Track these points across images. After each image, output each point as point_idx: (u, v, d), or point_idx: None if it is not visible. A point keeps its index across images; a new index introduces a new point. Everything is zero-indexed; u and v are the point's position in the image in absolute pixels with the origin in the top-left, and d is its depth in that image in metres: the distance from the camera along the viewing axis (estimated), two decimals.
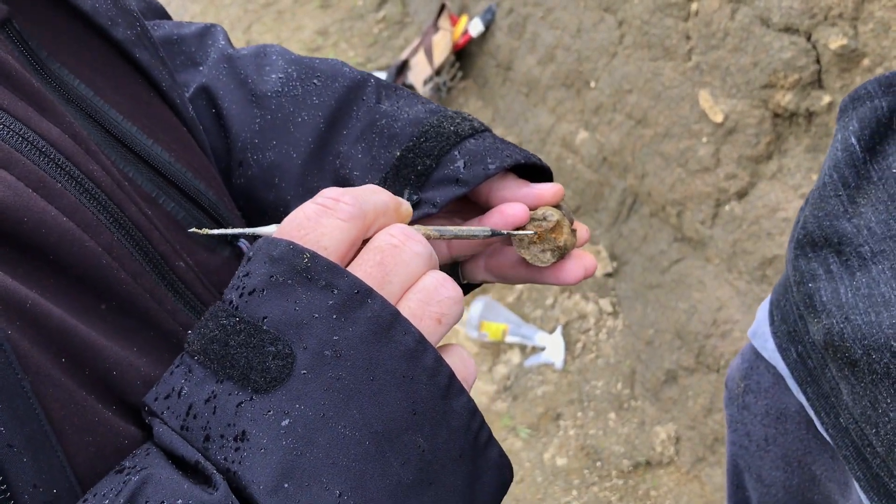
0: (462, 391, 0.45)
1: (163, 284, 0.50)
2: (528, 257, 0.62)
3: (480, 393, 2.70)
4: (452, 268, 0.69)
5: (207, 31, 0.77)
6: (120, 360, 0.44)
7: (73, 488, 0.39)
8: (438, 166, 0.62)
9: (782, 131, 2.10)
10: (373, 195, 0.47)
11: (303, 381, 0.40)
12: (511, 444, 2.55)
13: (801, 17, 1.90)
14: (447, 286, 0.46)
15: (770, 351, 0.88)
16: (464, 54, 3.75)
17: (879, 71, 1.78)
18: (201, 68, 0.73)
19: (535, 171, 0.67)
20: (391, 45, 4.31)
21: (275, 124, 0.68)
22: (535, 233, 0.61)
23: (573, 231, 0.64)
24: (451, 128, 0.64)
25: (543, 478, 2.44)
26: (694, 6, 2.26)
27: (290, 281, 0.42)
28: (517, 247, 0.62)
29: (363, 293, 0.42)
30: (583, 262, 0.63)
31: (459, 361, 0.47)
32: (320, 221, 0.44)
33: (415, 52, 3.88)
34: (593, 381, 2.60)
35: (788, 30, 1.95)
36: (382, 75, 4.03)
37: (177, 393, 0.42)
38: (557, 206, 0.63)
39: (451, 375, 0.44)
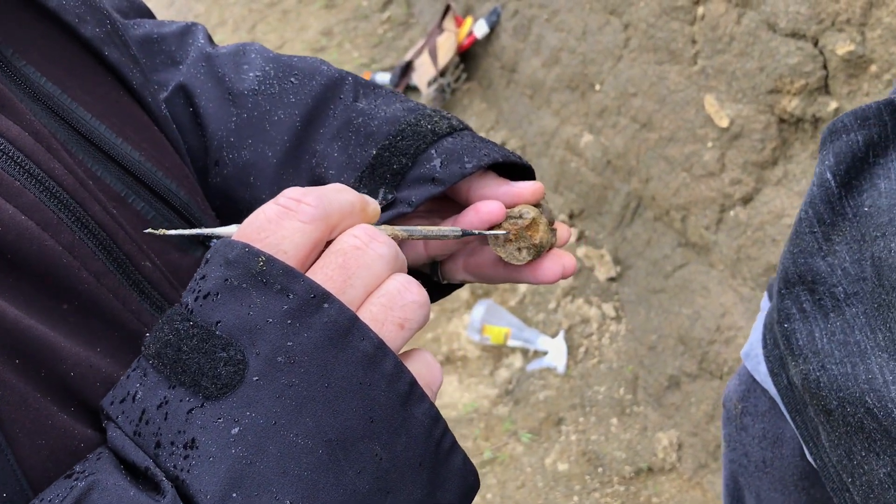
0: (423, 398, 0.44)
1: (127, 284, 0.50)
2: (503, 255, 0.61)
3: (482, 397, 2.69)
4: (431, 268, 0.68)
5: (188, 30, 0.76)
6: (79, 361, 0.43)
7: (24, 492, 0.39)
8: (414, 165, 0.61)
9: (788, 137, 2.08)
10: (337, 195, 0.46)
11: (254, 388, 0.39)
12: (512, 448, 2.54)
13: (809, 23, 1.88)
14: (412, 290, 0.45)
15: (763, 375, 0.87)
16: (468, 56, 3.75)
17: (887, 77, 1.77)
18: (181, 67, 0.72)
19: (520, 170, 0.66)
20: (395, 45, 4.30)
21: (251, 123, 0.68)
22: (508, 232, 0.60)
23: (553, 230, 0.63)
24: (429, 126, 0.63)
25: (545, 483, 2.42)
26: (700, 10, 2.25)
27: (244, 285, 0.41)
28: (493, 245, 0.61)
29: (319, 297, 0.41)
30: (561, 260, 0.62)
31: (424, 367, 0.46)
32: (281, 224, 0.43)
33: (419, 53, 3.87)
34: (595, 386, 2.59)
35: (795, 35, 1.94)
36: (386, 76, 4.03)
37: (131, 397, 0.41)
38: (537, 205, 0.63)
39: (412, 382, 0.43)
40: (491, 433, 2.60)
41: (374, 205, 0.49)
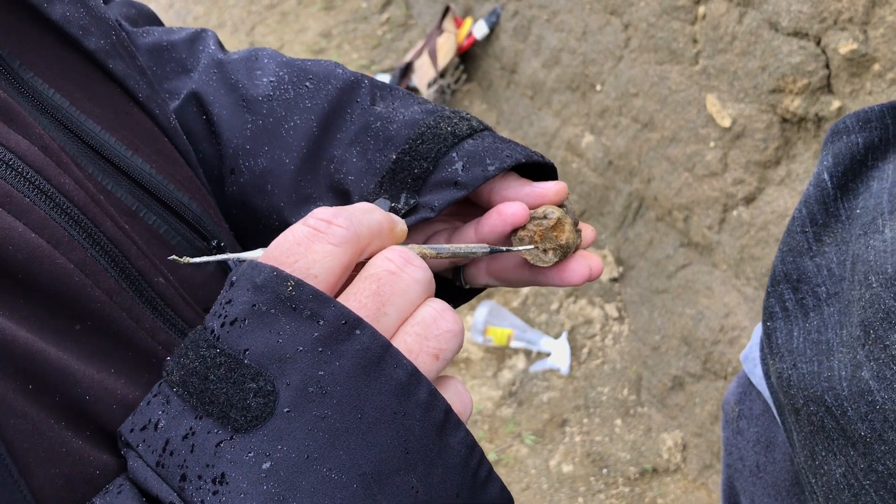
0: (459, 425, 0.42)
1: (140, 302, 0.49)
2: (529, 258, 0.60)
3: (485, 398, 2.69)
4: (454, 272, 0.67)
5: (198, 37, 0.75)
6: (94, 384, 0.42)
7: None
8: (436, 169, 0.60)
9: (791, 136, 2.08)
10: (366, 215, 0.45)
11: (286, 421, 0.38)
12: (516, 450, 2.53)
13: (811, 22, 1.88)
14: (447, 318, 0.44)
15: (758, 378, 0.86)
16: (468, 57, 3.74)
17: (890, 76, 1.76)
18: (192, 75, 0.71)
19: (540, 170, 0.65)
20: (395, 47, 4.30)
21: (266, 129, 0.66)
22: (535, 246, 0.59)
23: (578, 230, 0.61)
24: (449, 128, 0.62)
25: (549, 485, 2.42)
26: (701, 10, 2.24)
27: (273, 311, 0.40)
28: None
29: (351, 324, 0.40)
30: (588, 261, 0.61)
31: (455, 395, 0.45)
32: (311, 247, 0.42)
33: (419, 54, 3.87)
34: (599, 387, 2.58)
35: (797, 34, 1.93)
36: (386, 77, 4.02)
37: (153, 425, 0.40)
38: (561, 205, 0.61)
39: (448, 410, 0.42)
40: (495, 435, 2.59)
41: (402, 224, 0.48)
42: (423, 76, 3.74)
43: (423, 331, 0.43)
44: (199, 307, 0.54)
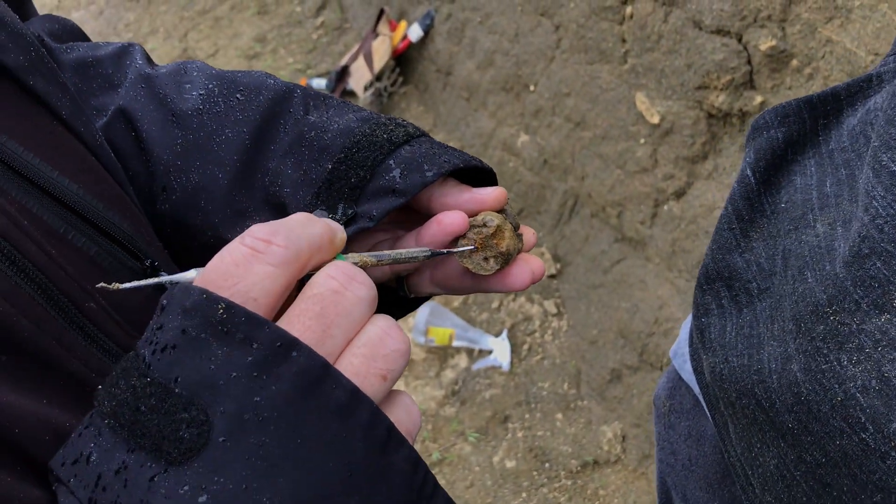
0: (402, 443, 0.41)
1: (71, 329, 0.47)
2: (471, 267, 0.59)
3: (428, 398, 2.70)
4: (397, 282, 0.66)
5: (125, 51, 0.73)
6: (24, 415, 0.40)
7: None
8: (373, 177, 0.59)
9: (717, 131, 2.14)
10: (305, 229, 0.43)
11: (221, 451, 0.37)
12: (460, 448, 2.54)
13: (732, 20, 1.94)
14: (393, 336, 0.42)
15: (688, 373, 0.87)
16: (404, 59, 3.75)
17: (808, 71, 1.83)
18: (119, 90, 0.69)
19: (479, 174, 0.64)
20: (330, 51, 4.29)
21: (197, 144, 0.65)
22: (475, 247, 0.59)
23: (518, 235, 0.61)
24: (385, 136, 0.61)
25: (493, 481, 2.44)
26: (628, 10, 2.29)
27: (203, 335, 0.38)
28: (458, 257, 0.60)
29: (287, 345, 0.38)
30: (529, 265, 0.61)
31: (403, 411, 0.44)
32: (250, 268, 0.40)
33: (354, 57, 3.87)
34: (540, 383, 2.62)
35: (720, 32, 1.99)
36: (322, 82, 4.01)
37: (85, 459, 0.38)
38: (501, 211, 0.61)
39: (390, 427, 0.40)
40: (439, 434, 2.60)
41: (341, 233, 0.46)
42: (359, 79, 3.74)
43: (369, 351, 0.41)
44: (136, 331, 0.52)
